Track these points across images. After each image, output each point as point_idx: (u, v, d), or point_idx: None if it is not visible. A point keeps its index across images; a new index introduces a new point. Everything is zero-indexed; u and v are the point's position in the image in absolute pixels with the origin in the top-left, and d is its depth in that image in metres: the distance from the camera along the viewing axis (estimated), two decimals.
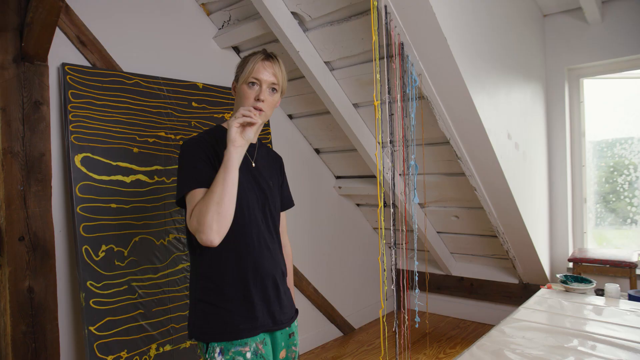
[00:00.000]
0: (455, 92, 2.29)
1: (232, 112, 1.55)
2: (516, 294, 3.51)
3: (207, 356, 1.38)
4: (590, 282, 2.34)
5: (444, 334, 3.61)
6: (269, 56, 1.47)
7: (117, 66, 2.33)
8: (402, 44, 2.19)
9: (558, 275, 2.38)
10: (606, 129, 3.45)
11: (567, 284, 2.33)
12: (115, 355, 2.04)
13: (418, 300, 3.93)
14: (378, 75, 2.02)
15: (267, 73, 1.43)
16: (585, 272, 3.07)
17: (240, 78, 1.45)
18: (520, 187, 2.80)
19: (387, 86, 2.19)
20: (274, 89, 1.47)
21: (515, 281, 3.53)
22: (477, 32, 2.39)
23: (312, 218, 3.52)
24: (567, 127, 3.39)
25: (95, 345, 1.99)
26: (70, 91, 2.09)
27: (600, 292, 2.32)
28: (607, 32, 3.12)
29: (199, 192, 1.34)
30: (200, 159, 1.38)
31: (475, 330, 3.63)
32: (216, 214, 1.26)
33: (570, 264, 3.21)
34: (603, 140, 3.47)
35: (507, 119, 2.68)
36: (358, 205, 3.96)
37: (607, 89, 3.44)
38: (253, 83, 1.43)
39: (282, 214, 1.68)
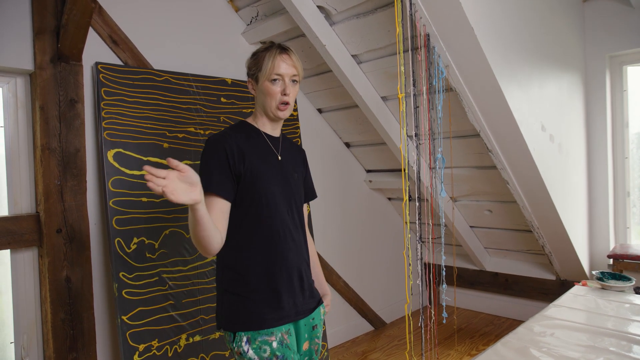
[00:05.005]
0: (484, 84, 2.22)
1: (254, 109, 1.58)
2: (553, 290, 3.40)
3: (234, 345, 1.41)
4: (629, 279, 2.23)
5: (477, 330, 3.54)
6: (283, 49, 1.49)
7: (147, 64, 2.40)
8: (428, 35, 2.15)
9: (594, 272, 2.29)
10: None
11: (603, 281, 2.23)
12: (146, 344, 2.12)
13: (450, 295, 3.87)
14: (402, 68, 1.99)
15: (286, 66, 1.46)
16: (626, 270, 2.93)
17: (261, 76, 1.47)
18: (556, 180, 2.70)
19: (412, 78, 2.15)
20: (294, 80, 1.50)
21: (552, 277, 3.42)
22: (507, 20, 2.31)
23: (343, 212, 3.52)
24: (608, 118, 3.24)
25: (127, 334, 2.07)
26: (103, 89, 2.16)
27: None
28: None
29: (210, 201, 1.37)
30: (219, 162, 1.41)
31: (510, 327, 3.54)
32: (199, 247, 1.32)
33: (611, 261, 3.07)
34: None
35: (541, 110, 2.58)
36: (389, 199, 3.93)
37: None
38: (276, 79, 1.46)
39: (304, 206, 1.70)
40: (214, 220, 1.31)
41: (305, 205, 1.70)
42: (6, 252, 2.04)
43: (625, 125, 3.27)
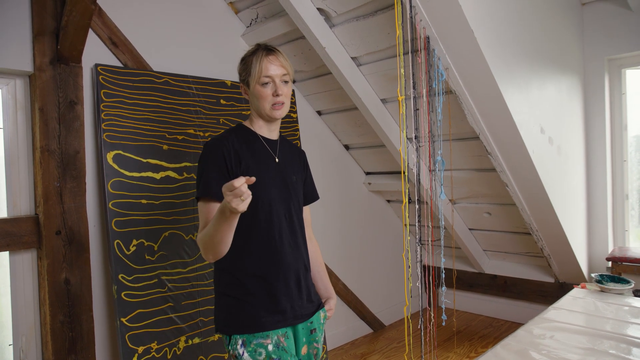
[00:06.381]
0: (484, 86, 2.23)
1: (249, 113, 1.57)
2: (552, 293, 3.40)
3: (230, 348, 1.42)
4: (628, 282, 2.23)
5: (475, 333, 3.54)
6: (269, 50, 1.47)
7: (147, 65, 2.40)
8: (428, 37, 2.15)
9: (593, 275, 2.29)
10: None
11: (602, 283, 2.24)
12: (145, 346, 2.12)
13: (449, 297, 3.87)
14: (402, 70, 1.99)
15: (275, 67, 1.45)
16: (625, 272, 2.93)
17: (251, 81, 1.46)
18: (555, 183, 2.71)
19: (412, 81, 2.16)
20: (285, 80, 1.49)
21: (551, 280, 3.42)
22: (507, 23, 2.32)
23: (342, 214, 3.52)
24: (607, 121, 3.24)
25: (127, 336, 2.07)
26: (102, 91, 2.16)
27: (639, 293, 2.22)
28: None
29: (209, 206, 1.38)
30: (218, 166, 1.41)
31: (509, 330, 3.54)
32: (212, 251, 1.35)
33: (609, 263, 3.08)
34: None
35: (540, 113, 2.59)
36: (388, 201, 3.93)
37: None
38: (266, 82, 1.45)
39: (307, 208, 1.69)
40: None
41: (306, 208, 1.69)
42: (5, 254, 2.03)
43: (623, 128, 3.28)
